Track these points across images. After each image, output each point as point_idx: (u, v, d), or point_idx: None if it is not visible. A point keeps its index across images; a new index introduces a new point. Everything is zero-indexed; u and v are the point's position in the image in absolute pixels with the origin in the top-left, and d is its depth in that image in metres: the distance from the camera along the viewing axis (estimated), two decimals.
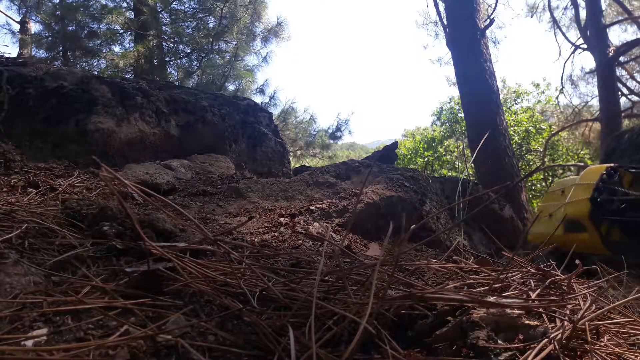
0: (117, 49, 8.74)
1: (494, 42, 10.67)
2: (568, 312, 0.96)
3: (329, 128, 11.38)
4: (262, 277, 1.02)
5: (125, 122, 3.02)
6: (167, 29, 9.19)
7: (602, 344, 0.89)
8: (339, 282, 1.05)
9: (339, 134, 11.30)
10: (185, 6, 9.32)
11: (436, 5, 8.80)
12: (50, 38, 8.37)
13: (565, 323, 0.88)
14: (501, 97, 10.04)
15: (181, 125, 3.46)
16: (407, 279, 1.11)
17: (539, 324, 0.86)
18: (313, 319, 0.76)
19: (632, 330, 0.99)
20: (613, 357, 0.85)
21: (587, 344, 0.85)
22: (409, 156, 17.27)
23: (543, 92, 17.53)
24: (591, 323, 0.92)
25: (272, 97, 10.33)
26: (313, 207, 2.36)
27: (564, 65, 12.79)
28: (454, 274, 1.24)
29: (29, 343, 0.71)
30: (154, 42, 8.11)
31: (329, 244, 1.53)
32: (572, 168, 13.02)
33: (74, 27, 8.23)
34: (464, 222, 3.29)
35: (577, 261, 1.19)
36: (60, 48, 8.48)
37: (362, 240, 2.22)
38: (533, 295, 1.03)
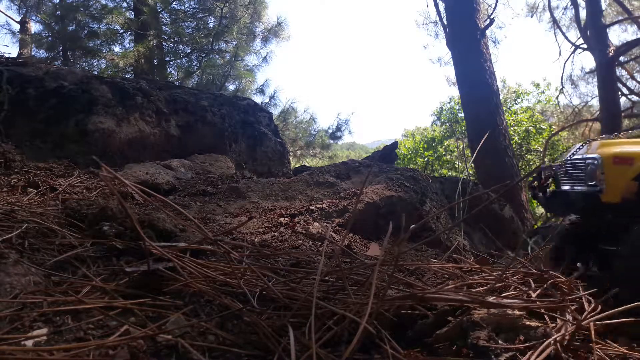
0: (117, 49, 8.73)
1: (494, 42, 10.65)
2: (569, 313, 0.95)
3: (329, 128, 11.35)
4: (262, 277, 1.02)
5: (125, 122, 3.02)
6: (167, 29, 9.18)
7: (604, 344, 0.89)
8: (339, 282, 1.05)
9: (339, 134, 11.28)
10: (185, 6, 9.31)
11: (436, 5, 8.80)
12: (50, 38, 8.36)
13: (567, 324, 0.88)
14: (501, 97, 10.02)
15: (181, 125, 3.46)
16: (407, 279, 1.10)
17: (539, 324, 0.86)
18: (313, 319, 0.76)
19: (633, 331, 0.98)
20: (614, 357, 0.84)
21: (588, 344, 0.85)
22: (409, 156, 17.24)
23: (543, 92, 17.50)
24: (594, 324, 0.92)
25: (272, 97, 10.31)
26: (313, 207, 2.36)
27: (564, 65, 12.75)
28: (454, 274, 1.24)
29: (29, 343, 0.71)
30: (154, 42, 8.09)
31: (329, 243, 1.52)
32: None
33: (74, 27, 8.21)
34: (464, 222, 3.29)
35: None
36: (60, 48, 8.47)
37: (362, 240, 2.22)
38: (534, 296, 1.02)
